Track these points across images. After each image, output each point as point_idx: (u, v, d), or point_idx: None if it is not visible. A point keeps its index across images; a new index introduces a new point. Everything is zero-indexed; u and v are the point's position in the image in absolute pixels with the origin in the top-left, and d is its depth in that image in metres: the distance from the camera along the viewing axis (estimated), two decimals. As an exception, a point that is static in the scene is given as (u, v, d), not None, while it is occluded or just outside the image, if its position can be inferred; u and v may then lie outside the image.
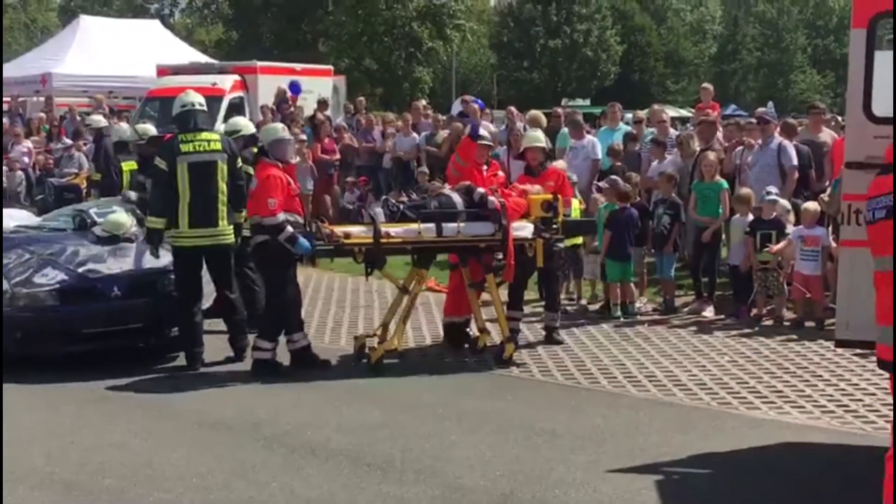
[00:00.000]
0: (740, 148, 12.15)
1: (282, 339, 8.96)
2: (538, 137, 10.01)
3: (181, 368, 9.05)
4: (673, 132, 13.82)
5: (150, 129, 11.46)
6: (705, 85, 17.02)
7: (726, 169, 11.98)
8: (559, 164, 12.04)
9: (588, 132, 14.87)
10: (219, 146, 9.11)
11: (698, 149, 12.29)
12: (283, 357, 8.96)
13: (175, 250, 9.22)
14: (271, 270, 8.78)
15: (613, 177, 11.68)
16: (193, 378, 8.75)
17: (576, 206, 11.04)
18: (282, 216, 8.63)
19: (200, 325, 9.16)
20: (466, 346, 9.64)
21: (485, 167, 9.74)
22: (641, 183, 12.16)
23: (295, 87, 22.39)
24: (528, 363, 9.28)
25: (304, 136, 17.17)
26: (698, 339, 10.16)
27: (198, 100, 9.29)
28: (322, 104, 20.53)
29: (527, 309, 10.76)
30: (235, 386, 8.59)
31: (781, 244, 10.59)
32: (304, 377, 8.75)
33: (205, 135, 9.17)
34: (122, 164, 11.82)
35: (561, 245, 9.74)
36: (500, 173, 10.05)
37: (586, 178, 13.16)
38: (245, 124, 10.57)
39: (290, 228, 8.65)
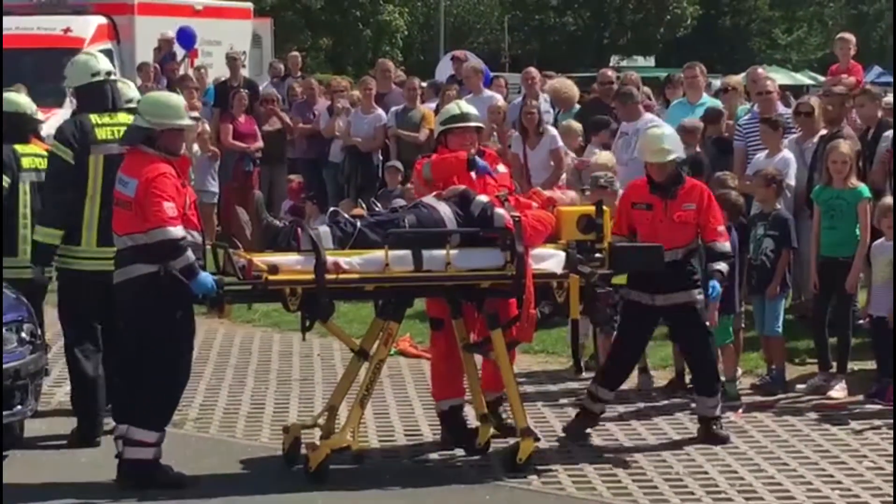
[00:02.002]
0: (889, 133, 12.22)
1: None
2: (662, 145, 9.86)
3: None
4: (783, 109, 13.92)
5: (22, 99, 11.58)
6: (844, 35, 16.72)
7: (876, 179, 12.01)
8: (605, 157, 12.13)
9: (648, 108, 14.96)
10: None
11: (823, 130, 12.36)
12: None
13: (69, 276, 9.67)
14: (163, 319, 8.77)
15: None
16: (20, 493, 8.73)
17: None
18: (181, 229, 8.70)
19: (102, 387, 9.67)
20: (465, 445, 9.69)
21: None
22: (739, 186, 12.21)
23: (185, 37, 22.42)
24: (555, 469, 9.28)
25: (195, 113, 17.19)
26: (822, 433, 10.17)
27: (109, 67, 10.05)
28: (234, 61, 20.61)
29: (554, 385, 10.76)
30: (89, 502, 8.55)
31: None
32: (199, 490, 8.72)
33: (122, 117, 9.74)
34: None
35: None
36: (502, 168, 10.05)
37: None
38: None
39: (190, 253, 8.69)
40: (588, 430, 9.98)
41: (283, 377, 12.03)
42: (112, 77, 10.03)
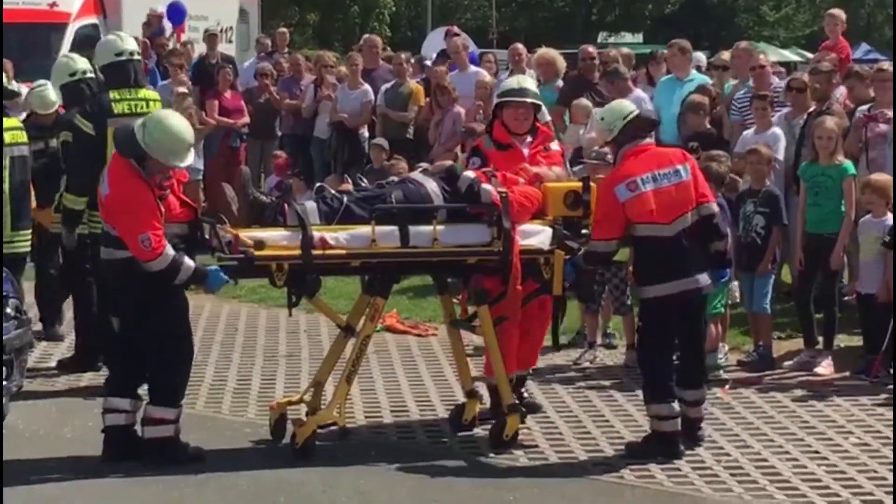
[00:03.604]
0: (864, 107, 12.21)
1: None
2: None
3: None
4: (776, 81, 13.92)
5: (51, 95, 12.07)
6: (832, 12, 16.68)
7: (851, 148, 12.02)
8: (592, 135, 12.13)
9: (636, 85, 14.94)
10: (160, 108, 10.35)
11: (812, 105, 12.37)
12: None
13: (94, 239, 10.00)
14: (150, 298, 8.73)
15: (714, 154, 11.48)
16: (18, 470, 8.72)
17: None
18: (169, 252, 8.60)
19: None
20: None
21: (527, 139, 9.75)
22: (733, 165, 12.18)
23: (176, 11, 22.35)
24: (541, 446, 9.31)
25: (182, 89, 17.14)
26: (808, 409, 10.20)
27: (134, 47, 10.78)
28: (213, 37, 20.55)
29: (540, 361, 10.78)
30: (77, 481, 8.54)
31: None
32: (184, 465, 8.72)
33: (144, 93, 10.52)
34: None
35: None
36: (555, 146, 9.98)
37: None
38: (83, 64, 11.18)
39: (188, 262, 8.64)
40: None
41: (270, 353, 12.04)
42: (136, 57, 10.65)
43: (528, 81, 10.18)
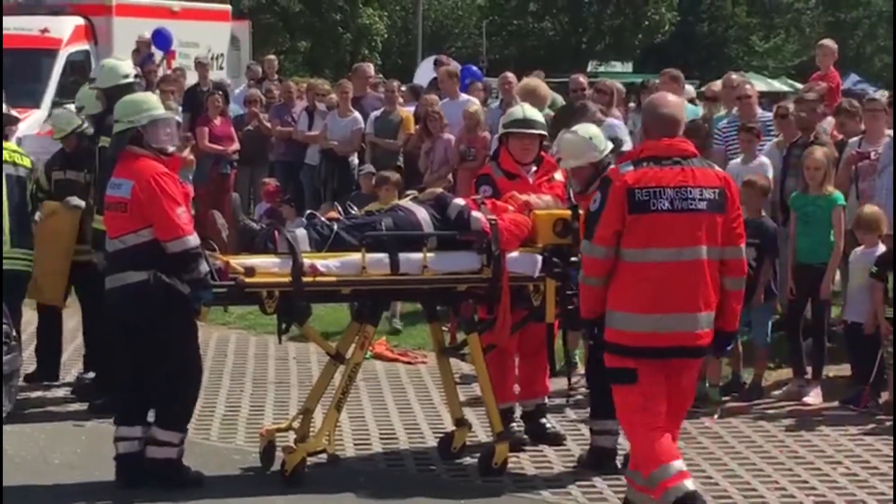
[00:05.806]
0: (855, 139, 12.25)
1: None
2: (558, 153, 9.86)
3: None
4: (763, 114, 13.98)
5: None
6: (825, 42, 16.70)
7: (841, 181, 12.06)
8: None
9: (617, 113, 14.98)
10: None
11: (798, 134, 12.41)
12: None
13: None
14: (164, 322, 8.74)
15: None
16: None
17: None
18: (196, 238, 8.71)
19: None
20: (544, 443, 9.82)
21: (531, 168, 9.86)
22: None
23: (161, 38, 22.41)
24: (530, 473, 9.31)
25: (177, 117, 17.19)
26: (796, 439, 10.20)
27: (135, 71, 10.82)
28: (203, 66, 20.58)
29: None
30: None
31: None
32: (175, 492, 8.72)
33: None
34: None
35: None
36: (558, 176, 10.03)
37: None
38: (88, 97, 11.14)
39: (204, 265, 8.70)
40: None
41: (259, 380, 12.03)
42: (138, 80, 10.85)
43: (533, 111, 10.23)
